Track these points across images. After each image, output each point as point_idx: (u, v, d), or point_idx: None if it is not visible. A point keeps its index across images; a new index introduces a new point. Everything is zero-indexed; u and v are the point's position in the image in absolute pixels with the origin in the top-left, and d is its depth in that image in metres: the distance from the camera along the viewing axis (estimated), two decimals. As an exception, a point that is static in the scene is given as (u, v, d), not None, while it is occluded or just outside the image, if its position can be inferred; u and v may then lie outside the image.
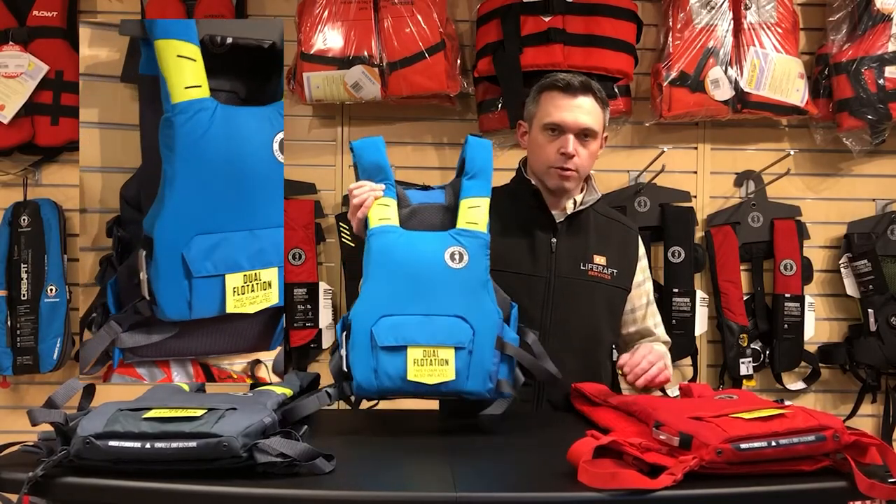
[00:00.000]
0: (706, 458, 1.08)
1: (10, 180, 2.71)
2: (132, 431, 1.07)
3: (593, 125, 1.74)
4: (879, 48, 2.59)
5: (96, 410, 1.15)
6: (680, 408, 1.25)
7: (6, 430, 2.69)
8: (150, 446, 1.06)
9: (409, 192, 1.53)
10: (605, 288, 1.80)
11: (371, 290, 1.36)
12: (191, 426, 1.08)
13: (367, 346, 1.33)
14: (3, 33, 2.57)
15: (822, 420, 1.14)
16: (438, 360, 1.31)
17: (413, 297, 1.34)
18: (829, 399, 2.80)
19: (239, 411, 1.12)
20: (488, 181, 1.51)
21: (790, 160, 2.68)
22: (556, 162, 1.75)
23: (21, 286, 2.59)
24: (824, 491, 1.09)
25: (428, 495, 1.05)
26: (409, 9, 2.52)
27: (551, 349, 1.72)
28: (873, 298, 2.67)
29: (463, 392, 1.36)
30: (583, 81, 1.75)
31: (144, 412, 1.11)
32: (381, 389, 1.35)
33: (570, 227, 1.80)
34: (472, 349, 1.34)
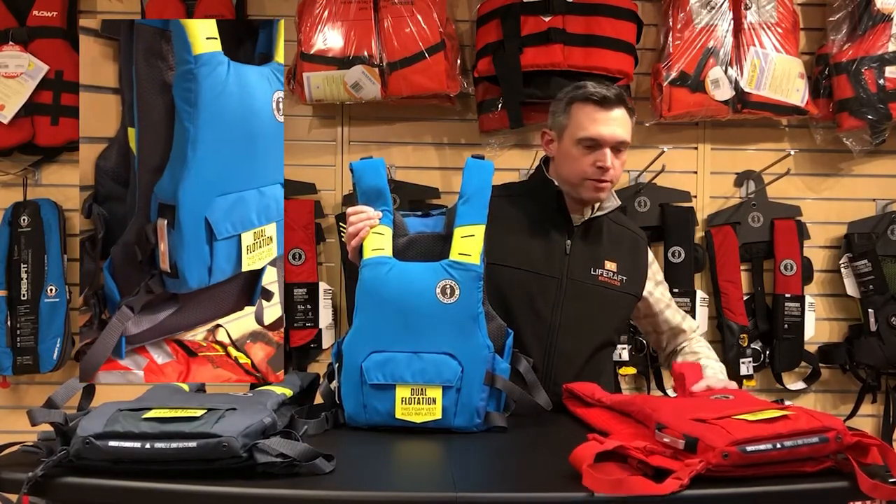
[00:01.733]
0: (713, 461, 1.07)
1: (10, 180, 2.71)
2: (132, 431, 1.07)
3: (627, 137, 1.77)
4: (879, 48, 2.59)
5: (96, 410, 1.15)
6: (680, 408, 1.25)
7: (6, 430, 2.69)
8: (149, 446, 1.06)
9: (409, 221, 1.54)
10: (614, 294, 1.82)
11: (363, 323, 1.39)
12: (190, 426, 1.07)
13: (357, 381, 1.37)
14: (3, 33, 2.58)
15: (824, 421, 1.14)
16: (426, 398, 1.35)
17: (403, 333, 1.37)
18: (829, 399, 2.80)
19: (239, 411, 1.12)
20: (484, 206, 1.51)
21: (790, 160, 2.68)
22: (593, 175, 1.76)
23: (21, 286, 2.59)
24: (826, 491, 1.09)
25: (428, 495, 1.05)
26: (409, 9, 2.52)
27: (558, 349, 1.74)
28: (873, 298, 2.67)
29: (451, 428, 1.40)
30: (617, 94, 1.77)
31: (144, 412, 1.11)
32: (370, 423, 1.40)
33: (585, 231, 1.82)
34: (461, 387, 1.37)
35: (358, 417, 1.38)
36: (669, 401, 1.42)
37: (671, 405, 1.30)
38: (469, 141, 2.78)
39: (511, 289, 1.75)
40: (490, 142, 2.72)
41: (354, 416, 1.39)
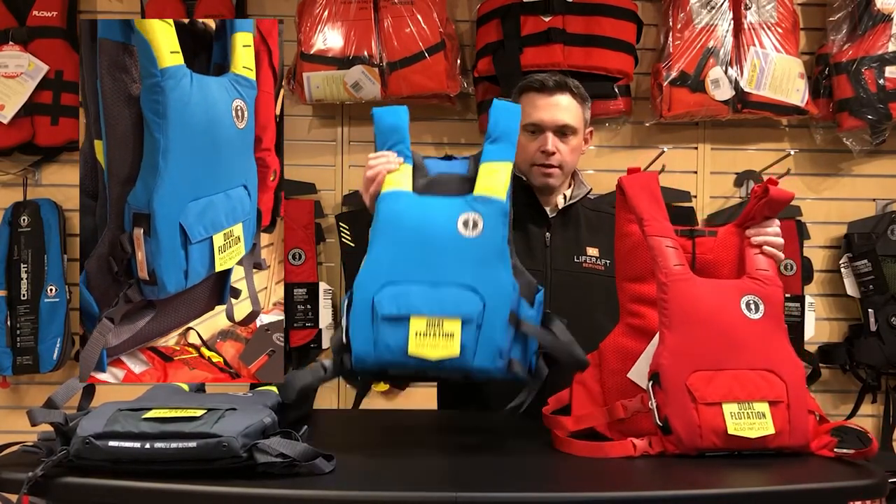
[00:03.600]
0: (671, 450, 1.19)
1: (10, 180, 2.71)
2: (132, 431, 1.07)
3: (571, 121, 1.77)
4: (879, 48, 2.59)
5: (96, 410, 1.15)
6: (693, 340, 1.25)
7: (6, 430, 2.69)
8: (149, 446, 1.06)
9: (429, 162, 1.44)
10: (601, 279, 1.82)
11: (376, 256, 1.26)
12: (190, 426, 1.07)
13: (367, 315, 1.22)
14: (3, 33, 2.58)
15: (795, 441, 1.20)
16: (443, 332, 1.20)
17: (420, 265, 1.24)
18: (829, 399, 2.80)
19: (239, 411, 1.12)
20: (512, 146, 1.42)
21: (790, 160, 2.68)
22: (538, 159, 1.77)
23: (21, 286, 2.59)
24: (825, 491, 1.09)
25: (428, 495, 1.05)
26: (409, 9, 2.52)
27: None
28: (873, 298, 2.67)
29: (469, 369, 1.22)
30: (558, 80, 1.78)
31: (144, 412, 1.11)
32: (381, 362, 1.23)
33: (562, 221, 1.83)
34: (482, 323, 1.21)
35: (367, 357, 1.22)
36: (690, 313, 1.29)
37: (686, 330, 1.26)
38: (469, 141, 2.78)
39: None
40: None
41: (363, 355, 1.22)
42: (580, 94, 1.80)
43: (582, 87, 1.82)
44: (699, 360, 1.23)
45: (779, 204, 1.37)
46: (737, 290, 1.32)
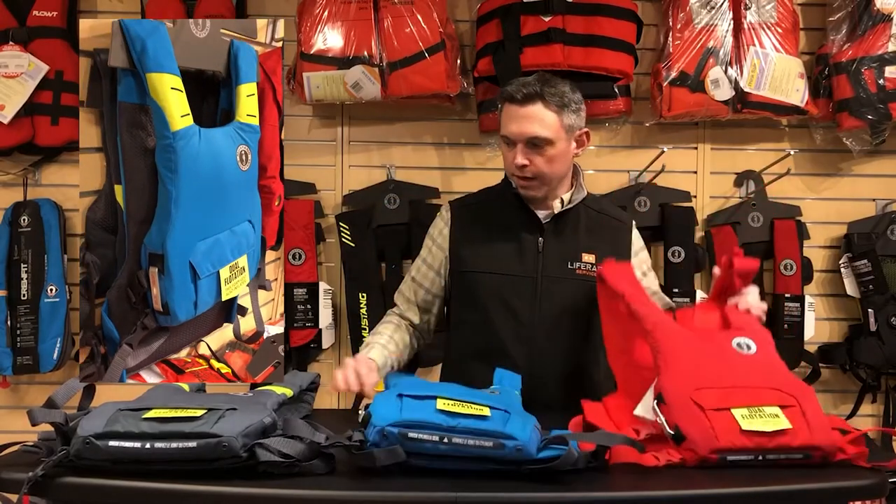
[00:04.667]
0: (690, 461, 1.14)
1: (10, 180, 2.71)
2: (132, 431, 1.07)
3: (542, 132, 1.71)
4: (879, 48, 2.59)
5: (96, 410, 1.15)
6: (687, 367, 1.25)
7: (6, 430, 2.69)
8: (150, 446, 1.06)
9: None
10: (594, 285, 1.80)
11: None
12: (191, 426, 1.08)
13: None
14: (3, 33, 2.58)
15: (816, 437, 1.15)
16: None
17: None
18: (829, 399, 2.80)
19: (239, 411, 1.12)
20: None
21: (790, 160, 2.68)
22: (515, 171, 1.76)
23: (21, 286, 2.59)
24: (824, 490, 1.09)
25: (428, 495, 1.05)
26: (409, 9, 2.52)
27: (540, 348, 1.74)
28: (873, 298, 2.67)
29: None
30: (528, 92, 1.71)
31: (144, 412, 1.11)
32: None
33: (556, 226, 1.81)
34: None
35: (188, 316, 1.31)
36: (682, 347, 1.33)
37: (681, 358, 1.28)
38: (469, 141, 2.78)
39: (488, 294, 1.77)
40: (490, 142, 2.72)
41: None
42: (557, 101, 1.72)
43: (565, 91, 1.74)
44: (701, 380, 1.23)
45: (748, 274, 1.42)
46: (726, 335, 1.38)
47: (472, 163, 2.77)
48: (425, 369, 2.59)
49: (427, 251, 1.91)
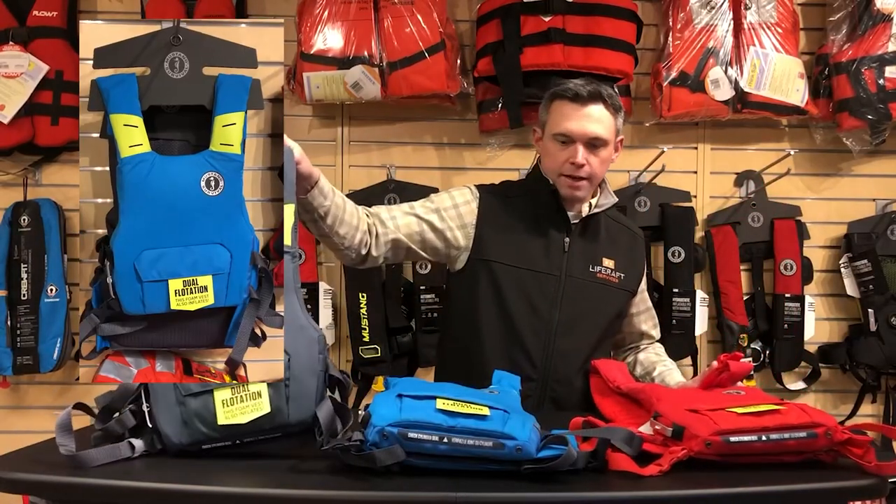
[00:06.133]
0: (695, 448, 1.13)
1: (10, 180, 2.71)
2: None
3: (602, 133, 1.75)
4: (879, 48, 2.59)
5: None
6: (681, 399, 1.28)
7: (6, 431, 2.69)
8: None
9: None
10: (613, 291, 1.83)
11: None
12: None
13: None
14: (3, 33, 2.57)
15: (815, 417, 1.16)
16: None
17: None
18: (829, 399, 2.80)
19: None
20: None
21: (790, 160, 2.68)
22: (567, 170, 1.76)
23: (21, 286, 2.59)
24: (824, 490, 1.09)
25: (428, 495, 1.05)
26: (409, 9, 2.52)
27: (558, 346, 1.74)
28: (873, 298, 2.67)
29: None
30: (591, 91, 1.75)
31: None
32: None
33: (583, 228, 1.83)
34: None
35: (136, 310, 1.40)
36: (675, 392, 1.45)
37: (674, 396, 1.33)
38: (469, 141, 2.78)
39: (509, 286, 1.76)
40: (490, 142, 2.72)
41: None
42: (613, 103, 1.77)
43: (616, 95, 1.79)
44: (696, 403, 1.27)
45: (740, 377, 1.45)
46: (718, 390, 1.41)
47: (472, 163, 2.77)
48: (425, 369, 2.59)
49: (444, 212, 1.81)
